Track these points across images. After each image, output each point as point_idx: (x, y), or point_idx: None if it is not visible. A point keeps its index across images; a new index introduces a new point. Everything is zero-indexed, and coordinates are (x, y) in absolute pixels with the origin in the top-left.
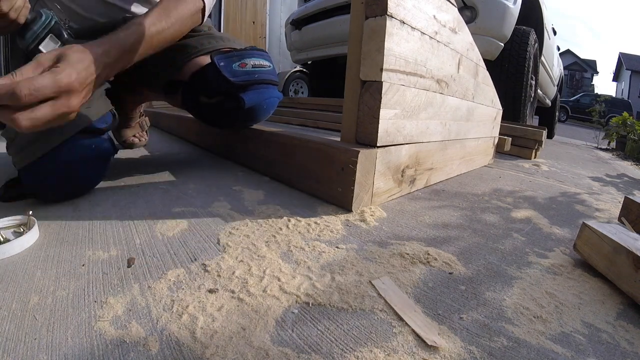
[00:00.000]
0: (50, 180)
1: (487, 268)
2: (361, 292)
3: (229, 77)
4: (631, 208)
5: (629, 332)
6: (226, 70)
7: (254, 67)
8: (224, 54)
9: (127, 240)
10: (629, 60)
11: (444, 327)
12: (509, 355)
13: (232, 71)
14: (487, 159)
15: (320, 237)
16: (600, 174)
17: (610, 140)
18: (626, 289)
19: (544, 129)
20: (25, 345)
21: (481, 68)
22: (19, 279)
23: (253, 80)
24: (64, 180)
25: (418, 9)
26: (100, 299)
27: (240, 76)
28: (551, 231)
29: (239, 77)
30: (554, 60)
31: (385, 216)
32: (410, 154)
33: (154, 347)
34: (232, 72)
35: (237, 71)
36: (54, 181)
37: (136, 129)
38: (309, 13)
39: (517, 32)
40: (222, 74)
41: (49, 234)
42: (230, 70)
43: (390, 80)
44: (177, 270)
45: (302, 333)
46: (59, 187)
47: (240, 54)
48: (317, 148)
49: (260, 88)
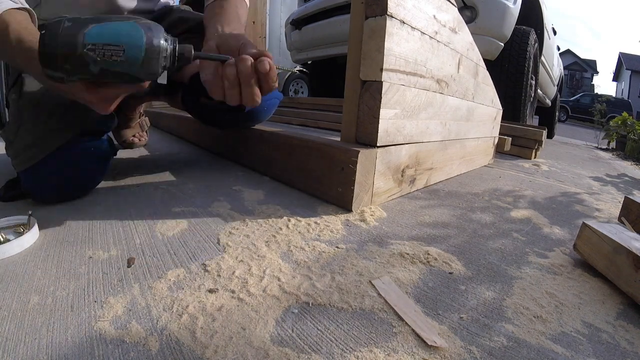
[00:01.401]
0: (50, 183)
1: (487, 268)
2: (361, 292)
3: None
4: (631, 208)
5: (629, 332)
6: None
7: None
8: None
9: (127, 240)
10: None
11: (444, 327)
12: (509, 355)
13: None
14: (487, 159)
15: (320, 237)
16: (600, 174)
17: (610, 140)
18: (626, 289)
19: (544, 129)
20: (25, 345)
21: (481, 68)
22: (19, 279)
23: None
24: (63, 182)
25: (418, 8)
26: (100, 299)
27: None
28: (551, 231)
29: None
30: (554, 60)
31: (385, 216)
32: (410, 153)
33: (154, 347)
34: None
35: None
36: (54, 183)
37: (136, 129)
38: (309, 13)
39: (517, 32)
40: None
41: (49, 234)
42: None
43: (390, 80)
44: (177, 270)
45: (302, 333)
46: (59, 189)
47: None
48: (317, 148)
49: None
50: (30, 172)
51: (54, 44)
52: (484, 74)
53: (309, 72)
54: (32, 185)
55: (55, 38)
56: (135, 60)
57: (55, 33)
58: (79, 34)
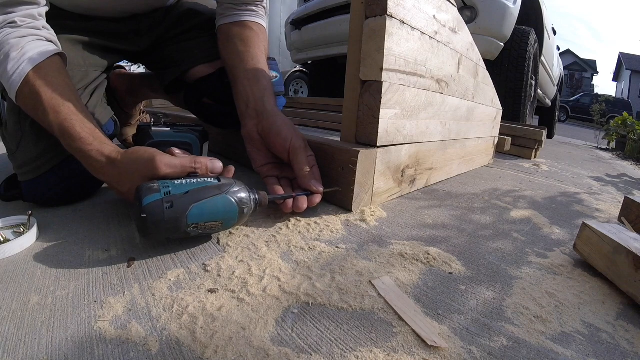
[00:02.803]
0: (52, 192)
1: (487, 268)
2: (361, 292)
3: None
4: (631, 208)
5: (629, 332)
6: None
7: None
8: None
9: (127, 240)
10: (629, 60)
11: (444, 327)
12: (509, 355)
13: None
14: (487, 159)
15: (320, 237)
16: (600, 174)
17: (610, 140)
18: (626, 289)
19: (544, 129)
20: (25, 345)
21: (481, 68)
22: (19, 279)
23: None
24: (68, 190)
25: (418, 9)
26: (100, 299)
27: None
28: (551, 231)
29: None
30: (554, 60)
31: (385, 216)
32: (410, 153)
33: (154, 347)
34: None
35: None
36: (58, 191)
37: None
38: (309, 13)
39: (517, 32)
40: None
41: (49, 234)
42: None
43: (390, 80)
44: (177, 270)
45: (302, 333)
46: (63, 197)
47: None
48: (317, 148)
49: None
50: (36, 182)
51: (158, 228)
52: (483, 74)
53: (309, 72)
54: (36, 194)
55: (159, 225)
56: (228, 226)
57: (159, 220)
58: (182, 217)
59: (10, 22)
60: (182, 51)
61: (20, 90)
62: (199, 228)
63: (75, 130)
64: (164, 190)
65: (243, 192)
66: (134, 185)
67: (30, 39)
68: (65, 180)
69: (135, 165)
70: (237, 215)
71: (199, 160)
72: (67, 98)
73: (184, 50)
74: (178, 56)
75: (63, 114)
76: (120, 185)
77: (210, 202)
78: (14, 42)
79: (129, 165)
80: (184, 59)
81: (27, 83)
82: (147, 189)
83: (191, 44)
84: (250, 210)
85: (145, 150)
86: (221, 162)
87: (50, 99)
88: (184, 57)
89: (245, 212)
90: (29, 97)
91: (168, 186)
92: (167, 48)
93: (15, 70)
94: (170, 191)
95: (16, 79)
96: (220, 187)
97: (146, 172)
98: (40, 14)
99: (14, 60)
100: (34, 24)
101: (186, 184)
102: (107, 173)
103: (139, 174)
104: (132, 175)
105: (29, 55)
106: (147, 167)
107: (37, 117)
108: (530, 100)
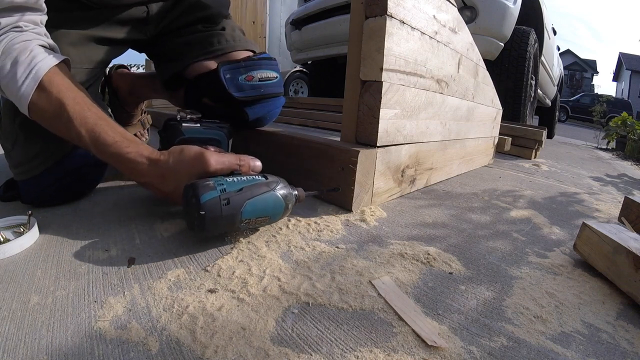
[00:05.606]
0: (50, 191)
1: (487, 268)
2: (361, 292)
3: (233, 93)
4: (631, 208)
5: (629, 332)
6: (231, 85)
7: (261, 81)
8: (231, 63)
9: (127, 240)
10: (629, 60)
11: (444, 327)
12: (509, 355)
13: (237, 85)
14: (487, 159)
15: (320, 237)
16: (600, 174)
17: (610, 140)
18: (626, 289)
19: (544, 129)
20: (25, 345)
21: (481, 68)
22: (19, 279)
23: (259, 95)
24: (63, 189)
25: (418, 9)
26: (100, 299)
27: (246, 91)
28: (551, 231)
29: (244, 92)
30: (554, 60)
31: (385, 216)
32: (410, 153)
33: (154, 347)
34: (238, 86)
35: (243, 85)
36: (54, 191)
37: (137, 127)
38: (309, 13)
39: (517, 32)
40: (227, 90)
41: (49, 234)
42: (235, 84)
43: (390, 80)
44: (177, 270)
45: (302, 333)
46: (58, 196)
47: (248, 65)
48: (317, 148)
49: (265, 102)
50: (31, 182)
51: (216, 225)
52: (483, 74)
53: (309, 72)
54: (32, 194)
55: (217, 221)
56: (274, 221)
57: (217, 216)
58: (237, 214)
59: (14, 26)
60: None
61: (36, 96)
62: (250, 223)
63: (108, 135)
64: (219, 187)
65: (286, 188)
66: (180, 184)
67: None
68: (62, 178)
69: (182, 164)
70: (283, 210)
71: (242, 158)
72: (88, 103)
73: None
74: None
75: (91, 120)
76: (163, 185)
77: (261, 199)
78: (21, 46)
79: (175, 165)
80: (185, 53)
81: (43, 88)
82: (203, 186)
83: (193, 38)
84: (292, 205)
85: (190, 148)
86: (260, 162)
87: (74, 104)
88: (185, 52)
89: (289, 208)
90: (47, 103)
91: (222, 184)
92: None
93: (27, 75)
94: (225, 188)
95: (30, 85)
96: (269, 184)
97: (194, 170)
98: (42, 22)
99: (24, 64)
100: (38, 29)
101: (238, 182)
102: (149, 174)
103: (187, 172)
104: (178, 174)
105: (40, 58)
106: (196, 165)
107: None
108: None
